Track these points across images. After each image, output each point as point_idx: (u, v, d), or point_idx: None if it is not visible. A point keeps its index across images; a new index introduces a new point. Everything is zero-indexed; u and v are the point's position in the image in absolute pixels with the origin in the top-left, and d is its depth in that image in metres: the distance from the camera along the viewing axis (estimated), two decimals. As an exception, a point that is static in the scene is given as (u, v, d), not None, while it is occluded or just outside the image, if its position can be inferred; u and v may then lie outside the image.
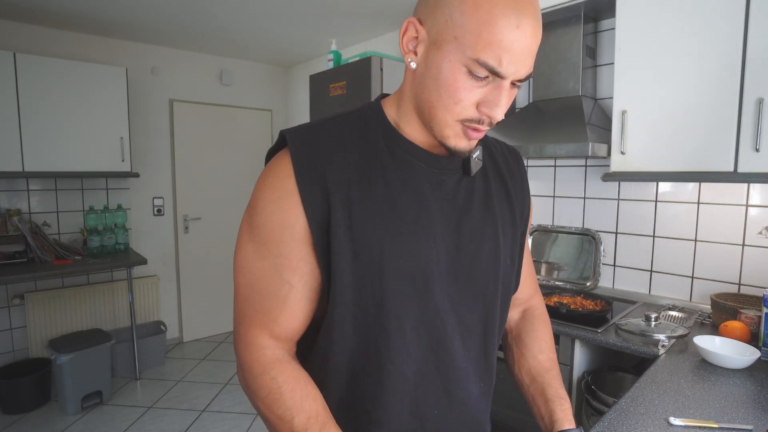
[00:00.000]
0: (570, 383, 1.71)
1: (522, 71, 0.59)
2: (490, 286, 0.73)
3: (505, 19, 0.55)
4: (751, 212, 1.75)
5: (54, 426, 2.60)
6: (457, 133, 0.63)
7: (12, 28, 2.99)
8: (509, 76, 0.58)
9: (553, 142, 1.82)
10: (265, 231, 0.64)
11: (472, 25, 0.56)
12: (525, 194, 0.84)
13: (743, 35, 1.44)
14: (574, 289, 2.18)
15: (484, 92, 0.60)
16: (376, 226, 0.64)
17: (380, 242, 0.64)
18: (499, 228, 0.74)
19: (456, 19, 0.57)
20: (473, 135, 0.63)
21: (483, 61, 0.56)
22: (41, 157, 2.83)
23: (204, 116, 3.91)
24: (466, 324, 0.71)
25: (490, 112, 0.60)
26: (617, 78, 1.74)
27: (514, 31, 0.55)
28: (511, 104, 0.77)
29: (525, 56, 0.57)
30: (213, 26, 3.12)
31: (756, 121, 1.42)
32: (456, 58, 0.58)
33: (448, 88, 0.59)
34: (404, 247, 0.65)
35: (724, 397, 1.15)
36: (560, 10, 1.96)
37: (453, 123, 0.62)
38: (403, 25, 0.62)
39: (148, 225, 3.67)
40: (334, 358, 0.67)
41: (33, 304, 3.06)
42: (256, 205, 0.66)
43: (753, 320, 1.51)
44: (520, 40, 0.56)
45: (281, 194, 0.63)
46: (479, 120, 0.62)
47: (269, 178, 0.65)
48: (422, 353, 0.68)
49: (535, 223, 2.43)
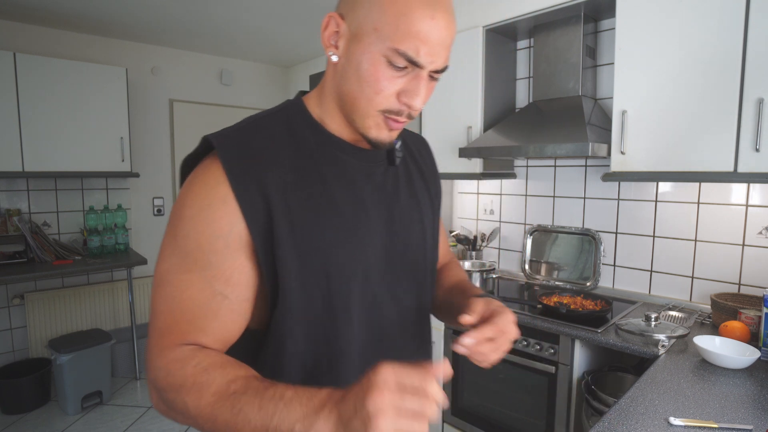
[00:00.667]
0: (570, 383, 1.71)
1: (438, 62, 0.62)
2: (420, 263, 0.78)
3: (421, 11, 0.58)
4: (751, 212, 1.75)
5: (54, 426, 2.60)
6: (378, 124, 0.65)
7: (12, 28, 2.99)
8: (427, 66, 0.61)
9: (553, 142, 1.82)
10: (193, 242, 0.60)
11: (390, 18, 0.58)
12: (436, 175, 0.89)
13: (743, 35, 1.44)
14: (574, 289, 2.18)
15: (404, 82, 0.62)
16: (319, 227, 0.64)
17: (324, 242, 0.64)
18: (422, 210, 0.79)
19: (375, 12, 0.59)
20: (394, 126, 0.65)
21: (402, 51, 0.59)
22: (41, 157, 2.83)
23: (204, 116, 3.91)
24: (403, 302, 0.75)
25: (410, 101, 0.62)
26: (617, 78, 1.74)
27: (430, 23, 0.59)
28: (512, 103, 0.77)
29: (440, 47, 0.61)
30: (213, 26, 3.12)
31: (756, 121, 1.42)
32: (376, 49, 0.60)
33: (369, 78, 0.61)
34: (346, 243, 0.66)
35: (724, 397, 1.15)
36: (560, 10, 1.96)
37: (374, 114, 0.64)
38: (324, 20, 0.63)
39: (148, 225, 3.67)
40: (286, 361, 0.66)
41: (33, 304, 3.06)
42: (181, 215, 0.61)
43: (753, 320, 1.51)
44: (435, 30, 0.59)
45: (211, 202, 0.60)
46: (399, 111, 0.63)
47: (195, 186, 0.62)
48: (367, 338, 0.70)
49: (535, 223, 2.43)
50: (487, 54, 2.25)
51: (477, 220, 2.75)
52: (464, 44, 2.29)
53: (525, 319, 1.81)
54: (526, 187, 2.48)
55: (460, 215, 2.85)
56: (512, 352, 1.88)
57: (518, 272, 2.52)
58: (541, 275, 2.38)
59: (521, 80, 2.46)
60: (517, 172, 2.52)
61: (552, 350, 1.74)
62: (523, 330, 1.84)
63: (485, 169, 2.33)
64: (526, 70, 2.43)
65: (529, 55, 2.41)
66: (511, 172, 2.51)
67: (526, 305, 1.97)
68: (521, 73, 2.46)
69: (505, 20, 2.14)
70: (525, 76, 2.44)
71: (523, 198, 2.50)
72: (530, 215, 2.47)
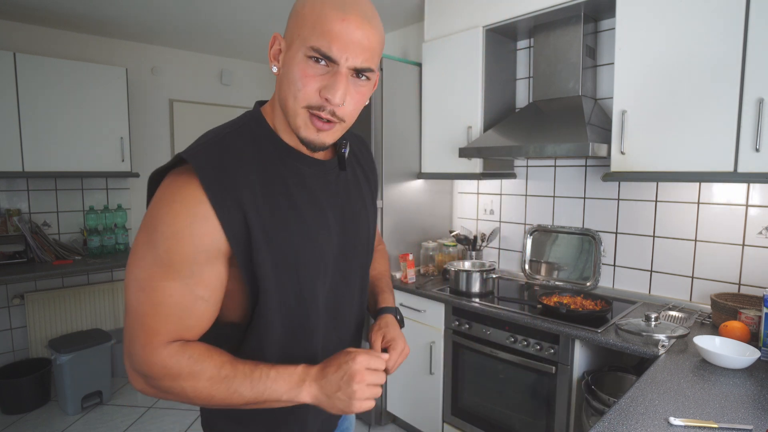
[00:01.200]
0: (570, 383, 1.71)
1: (354, 59, 0.69)
2: (365, 253, 0.92)
3: (333, 13, 0.67)
4: (751, 212, 1.75)
5: (54, 426, 2.60)
6: (306, 121, 0.71)
7: (12, 28, 2.99)
8: (341, 62, 0.68)
9: (553, 142, 1.82)
10: (177, 255, 0.67)
11: (309, 22, 0.68)
12: (374, 171, 1.02)
13: (743, 35, 1.44)
14: (574, 289, 2.18)
15: (325, 79, 0.69)
16: (288, 233, 0.74)
17: (294, 246, 0.75)
18: (368, 208, 0.93)
19: (299, 22, 0.70)
20: (319, 125, 0.71)
21: (316, 47, 0.67)
22: (41, 157, 2.83)
23: (204, 116, 3.91)
24: (351, 286, 0.89)
25: (328, 94, 0.68)
26: (617, 78, 1.74)
27: (341, 23, 0.67)
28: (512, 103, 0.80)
29: (354, 45, 0.68)
30: (213, 26, 3.12)
31: (756, 121, 1.42)
32: (300, 52, 0.69)
33: (294, 77, 0.69)
34: (310, 244, 0.77)
35: (724, 397, 1.15)
36: (560, 10, 1.96)
37: (300, 110, 0.71)
38: (270, 40, 0.75)
39: (148, 225, 3.67)
40: (267, 345, 0.77)
41: (33, 304, 3.06)
42: (163, 231, 0.67)
43: (753, 320, 1.51)
44: (346, 30, 0.67)
45: (193, 220, 0.67)
46: (320, 106, 0.70)
47: (176, 204, 0.67)
48: (328, 318, 0.85)
49: (535, 223, 2.43)
50: (487, 54, 2.25)
51: (477, 220, 2.75)
52: (464, 44, 2.29)
53: (525, 319, 1.81)
54: (526, 187, 2.48)
55: (460, 215, 2.85)
56: (512, 352, 1.88)
57: (518, 272, 2.52)
58: (541, 275, 2.38)
59: (521, 80, 2.46)
60: (517, 172, 2.52)
61: (552, 350, 1.74)
62: (523, 330, 1.84)
63: (485, 169, 2.33)
64: (526, 70, 2.43)
65: (529, 55, 2.41)
66: (511, 172, 2.51)
67: (526, 305, 1.97)
68: (521, 73, 2.46)
69: (505, 20, 2.14)
70: (525, 76, 2.44)
71: (523, 198, 2.50)
72: (530, 215, 2.47)
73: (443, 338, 2.16)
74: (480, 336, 2.00)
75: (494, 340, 1.94)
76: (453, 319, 2.10)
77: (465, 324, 2.05)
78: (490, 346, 1.96)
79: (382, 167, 2.45)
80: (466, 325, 2.05)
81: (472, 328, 2.03)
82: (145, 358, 0.68)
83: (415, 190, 2.65)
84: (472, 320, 2.03)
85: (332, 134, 0.74)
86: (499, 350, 1.93)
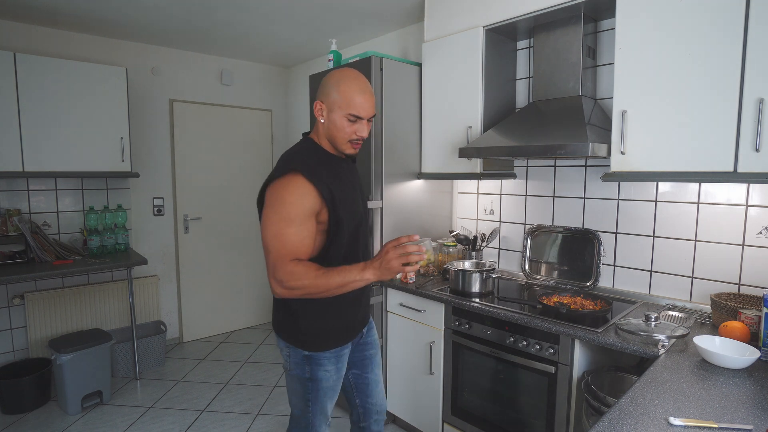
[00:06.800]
0: (570, 383, 1.71)
1: (369, 114, 1.40)
2: (367, 214, 1.59)
3: (358, 95, 1.37)
4: (751, 212, 1.75)
5: (54, 426, 2.60)
6: (349, 147, 1.42)
7: (12, 28, 2.99)
8: (364, 117, 1.38)
9: (553, 142, 1.82)
10: (294, 213, 1.28)
11: (344, 100, 1.36)
12: None
13: (743, 35, 1.44)
14: (574, 289, 2.18)
15: (356, 126, 1.39)
16: (345, 198, 1.40)
17: (348, 205, 1.41)
18: (361, 186, 1.61)
19: (337, 98, 1.36)
20: (356, 146, 1.43)
21: (353, 114, 1.36)
22: (41, 157, 2.84)
23: (204, 116, 3.91)
24: (366, 232, 1.56)
25: (359, 134, 1.40)
26: (617, 78, 1.74)
27: (362, 97, 1.37)
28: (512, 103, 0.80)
29: (368, 109, 1.38)
30: (213, 26, 3.12)
31: (756, 121, 1.42)
32: (342, 114, 1.37)
33: (341, 128, 1.38)
34: (353, 203, 1.44)
35: (724, 397, 1.15)
36: (560, 10, 1.96)
37: (346, 143, 1.41)
38: (315, 105, 1.40)
39: (148, 225, 3.67)
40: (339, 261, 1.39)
41: (33, 304, 3.06)
42: (285, 200, 1.28)
43: (753, 320, 1.51)
44: (365, 101, 1.38)
45: (303, 192, 1.30)
46: (356, 140, 1.41)
47: (291, 187, 1.30)
48: (361, 249, 1.52)
49: (535, 223, 2.43)
50: (487, 54, 2.25)
51: (477, 220, 2.75)
52: (464, 44, 2.29)
53: (525, 319, 1.81)
54: (525, 187, 2.48)
55: (460, 215, 2.85)
56: (512, 352, 1.88)
57: (518, 272, 2.52)
58: (541, 275, 2.38)
59: (521, 80, 2.46)
60: (517, 172, 2.52)
61: (552, 350, 1.74)
62: (523, 330, 1.84)
63: (485, 169, 2.33)
64: (526, 70, 2.43)
65: (529, 55, 2.41)
66: (511, 172, 2.51)
67: (526, 305, 1.97)
68: (521, 73, 2.46)
69: (505, 20, 2.14)
70: (525, 76, 2.44)
71: (522, 198, 2.50)
72: (530, 215, 2.47)
73: (443, 338, 2.16)
74: (480, 336, 2.00)
75: (494, 340, 1.94)
76: (453, 319, 2.10)
77: (465, 324, 2.05)
78: (490, 346, 1.96)
79: (382, 167, 2.45)
80: (466, 325, 2.05)
81: (472, 328, 2.03)
82: (281, 268, 1.27)
83: (415, 190, 2.65)
84: (472, 320, 2.03)
85: (359, 148, 1.46)
86: (499, 350, 1.93)
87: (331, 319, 1.45)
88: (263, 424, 2.64)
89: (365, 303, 1.59)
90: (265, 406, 2.84)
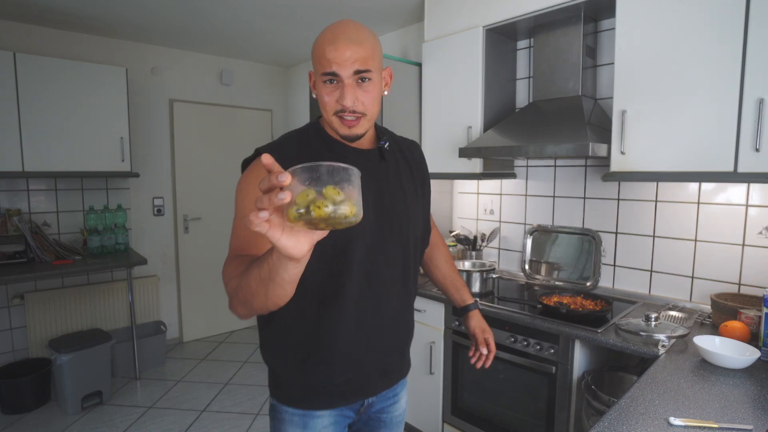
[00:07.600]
0: (570, 383, 1.71)
1: (344, 66, 0.91)
2: (403, 229, 1.06)
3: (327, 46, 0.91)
4: (751, 212, 1.75)
5: (54, 426, 2.60)
6: (338, 123, 0.96)
7: (12, 28, 2.99)
8: (340, 72, 0.91)
9: (553, 142, 1.82)
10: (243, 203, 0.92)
11: (316, 58, 0.95)
12: (425, 170, 1.22)
13: (743, 35, 1.44)
14: (574, 289, 2.18)
15: (337, 93, 0.93)
16: None
17: None
18: (406, 193, 1.09)
19: (313, 60, 0.97)
20: (347, 122, 0.95)
21: (325, 72, 0.92)
22: (41, 157, 2.83)
23: (204, 116, 3.91)
24: (389, 258, 1.04)
25: (342, 101, 0.93)
26: (617, 78, 1.74)
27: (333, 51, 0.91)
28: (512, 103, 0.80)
29: (345, 61, 0.91)
30: (213, 26, 3.12)
31: (756, 121, 1.42)
32: (318, 80, 0.95)
33: (321, 96, 0.96)
34: None
35: (724, 397, 1.15)
36: (560, 10, 1.96)
37: (332, 118, 0.96)
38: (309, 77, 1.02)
39: (148, 225, 3.67)
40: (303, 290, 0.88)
41: (33, 304, 3.06)
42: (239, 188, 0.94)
43: (753, 320, 1.51)
44: (336, 50, 0.91)
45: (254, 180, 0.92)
46: (342, 110, 0.94)
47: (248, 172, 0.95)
48: (362, 281, 0.99)
49: (535, 223, 2.43)
50: (487, 54, 2.25)
51: (477, 220, 2.75)
52: (464, 44, 2.29)
53: (525, 319, 1.81)
54: (526, 187, 2.48)
55: (460, 215, 2.85)
56: (512, 352, 1.88)
57: (518, 272, 2.52)
58: (541, 275, 2.38)
59: (521, 80, 2.46)
60: (517, 172, 2.52)
61: (552, 350, 1.74)
62: (523, 330, 1.84)
63: (485, 169, 2.33)
64: (526, 70, 2.43)
65: (529, 55, 2.41)
66: (511, 172, 2.51)
67: (526, 305, 1.97)
68: (521, 73, 2.46)
69: (505, 20, 2.14)
70: (525, 76, 2.44)
71: (523, 198, 2.50)
72: (530, 215, 2.47)
73: (443, 338, 2.16)
74: (480, 336, 2.00)
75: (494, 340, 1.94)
76: (453, 319, 2.10)
77: (465, 324, 2.05)
78: (490, 346, 1.96)
79: (382, 167, 2.45)
80: (466, 325, 2.05)
81: (472, 328, 2.03)
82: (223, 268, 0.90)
83: (415, 190, 2.65)
84: (472, 320, 2.03)
85: (360, 126, 0.96)
86: (499, 350, 1.93)
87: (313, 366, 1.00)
88: (263, 424, 2.64)
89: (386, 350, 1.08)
90: (265, 406, 2.84)
